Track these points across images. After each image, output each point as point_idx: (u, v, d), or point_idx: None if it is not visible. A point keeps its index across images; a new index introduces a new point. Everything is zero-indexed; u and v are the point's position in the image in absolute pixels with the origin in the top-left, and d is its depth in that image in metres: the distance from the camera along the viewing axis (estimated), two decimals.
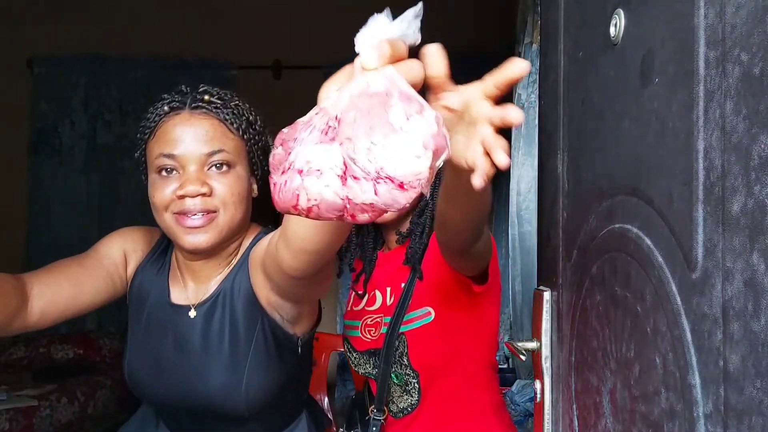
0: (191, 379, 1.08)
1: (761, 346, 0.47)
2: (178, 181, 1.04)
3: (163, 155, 1.04)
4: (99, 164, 4.30)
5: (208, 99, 1.07)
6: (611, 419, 0.73)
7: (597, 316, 0.78)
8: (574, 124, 0.88)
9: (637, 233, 0.68)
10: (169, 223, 1.05)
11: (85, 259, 1.10)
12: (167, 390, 1.10)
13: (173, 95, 1.09)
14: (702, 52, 0.56)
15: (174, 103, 1.07)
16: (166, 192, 1.04)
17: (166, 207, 1.04)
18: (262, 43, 4.17)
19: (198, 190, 1.02)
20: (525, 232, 2.78)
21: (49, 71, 4.28)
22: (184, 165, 1.04)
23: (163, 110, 1.07)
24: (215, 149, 1.05)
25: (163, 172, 1.05)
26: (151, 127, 1.07)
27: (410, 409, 1.28)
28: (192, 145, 1.04)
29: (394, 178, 0.44)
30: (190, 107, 1.06)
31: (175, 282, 1.15)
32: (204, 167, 1.05)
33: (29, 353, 3.83)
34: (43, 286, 1.02)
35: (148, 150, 1.09)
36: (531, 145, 2.63)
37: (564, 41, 0.92)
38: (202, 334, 1.08)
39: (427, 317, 1.23)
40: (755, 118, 0.48)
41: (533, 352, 1.00)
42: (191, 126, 1.05)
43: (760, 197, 0.48)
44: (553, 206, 0.96)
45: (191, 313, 1.10)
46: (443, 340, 1.24)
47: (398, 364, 1.25)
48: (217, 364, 1.06)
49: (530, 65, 0.54)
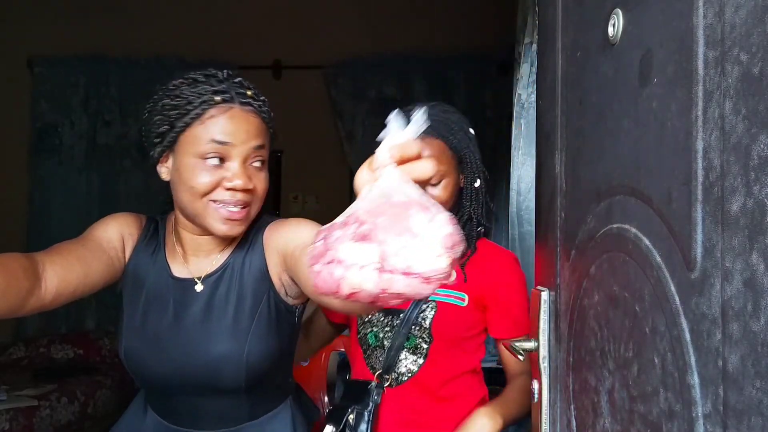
0: (192, 350, 1.12)
1: (761, 346, 0.47)
2: (223, 171, 1.08)
3: (215, 141, 1.07)
4: (99, 164, 4.31)
5: (251, 94, 1.11)
6: (609, 419, 0.73)
7: (595, 316, 0.78)
8: (573, 124, 0.87)
9: (636, 233, 0.67)
10: (201, 209, 1.09)
11: (87, 242, 1.12)
12: (167, 364, 1.13)
13: (210, 80, 1.10)
14: (701, 51, 0.55)
15: (224, 95, 1.09)
16: (209, 180, 1.08)
17: (205, 193, 1.08)
18: (262, 43, 4.17)
19: (246, 186, 1.08)
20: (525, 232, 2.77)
21: (49, 71, 4.28)
22: (231, 156, 1.08)
23: (213, 99, 1.08)
24: (260, 144, 1.11)
25: (209, 160, 1.08)
26: (198, 113, 1.08)
27: (409, 375, 1.36)
28: (245, 137, 1.09)
29: (421, 274, 0.55)
30: (240, 103, 1.10)
31: (174, 258, 1.19)
32: (247, 162, 1.10)
33: (29, 353, 3.83)
34: (56, 267, 1.01)
35: (188, 133, 1.09)
36: (531, 145, 2.63)
37: (562, 41, 0.91)
38: (206, 305, 1.14)
39: (460, 301, 1.34)
40: (754, 118, 0.48)
41: (531, 352, 1.00)
42: (245, 121, 1.09)
43: (759, 197, 0.48)
44: (551, 206, 0.96)
45: (198, 286, 1.15)
46: (465, 321, 1.35)
47: (418, 326, 1.34)
48: (219, 333, 1.12)
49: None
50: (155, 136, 1.12)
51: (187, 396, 1.16)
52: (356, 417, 1.35)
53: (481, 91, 4.17)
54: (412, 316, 1.34)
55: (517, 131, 2.78)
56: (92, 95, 4.32)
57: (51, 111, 4.30)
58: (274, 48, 4.19)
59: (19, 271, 0.94)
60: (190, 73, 1.12)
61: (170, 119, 1.09)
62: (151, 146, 1.14)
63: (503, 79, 4.06)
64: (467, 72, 4.18)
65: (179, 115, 1.08)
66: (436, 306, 1.34)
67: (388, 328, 1.38)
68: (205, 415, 1.17)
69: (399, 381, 1.37)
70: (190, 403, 1.16)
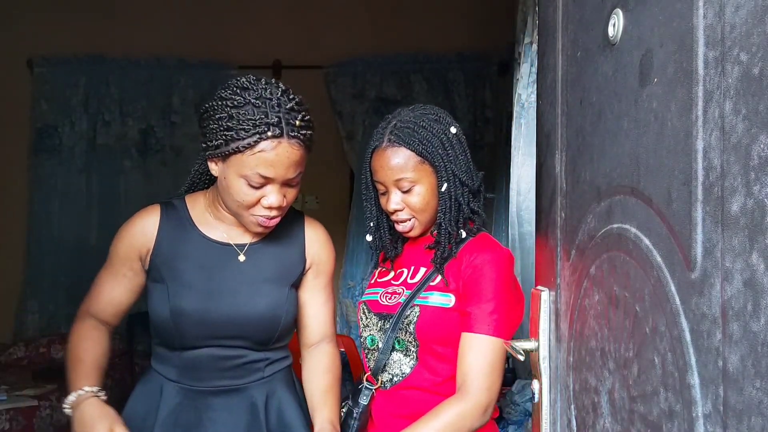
0: (241, 304, 1.32)
1: (761, 346, 0.47)
2: (263, 192, 1.25)
3: (260, 175, 1.23)
4: (99, 164, 4.31)
5: (300, 125, 1.23)
6: (609, 419, 0.73)
7: (595, 316, 0.78)
8: (573, 124, 0.87)
9: (636, 233, 0.68)
10: (241, 215, 1.30)
11: (118, 268, 1.37)
12: (217, 316, 1.31)
13: (269, 108, 1.21)
14: (701, 51, 0.55)
15: (276, 129, 1.21)
16: (251, 198, 1.26)
17: (247, 207, 1.27)
18: (262, 43, 4.17)
19: (280, 205, 1.27)
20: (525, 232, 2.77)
21: (49, 71, 4.28)
22: (272, 182, 1.25)
23: (266, 134, 1.20)
24: (299, 172, 1.28)
25: (253, 184, 1.24)
26: (250, 143, 1.20)
27: (401, 377, 1.37)
28: (284, 171, 1.24)
29: None
30: (288, 135, 1.22)
31: (208, 225, 1.37)
32: (285, 184, 1.27)
33: (29, 353, 3.83)
34: (112, 312, 1.39)
35: (238, 158, 1.22)
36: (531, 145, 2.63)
37: (562, 41, 0.91)
38: (251, 268, 1.35)
39: (446, 302, 1.34)
40: (754, 118, 0.48)
41: (531, 352, 1.00)
42: (288, 156, 1.23)
43: (759, 197, 0.48)
44: (552, 206, 0.96)
45: (240, 257, 1.36)
46: (452, 323, 1.33)
47: (404, 331, 1.36)
48: (264, 295, 1.34)
49: None
50: (209, 141, 1.25)
51: (221, 348, 1.33)
52: (346, 413, 1.40)
53: (481, 91, 4.17)
54: (398, 320, 1.36)
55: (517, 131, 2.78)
56: (92, 95, 4.32)
57: (51, 111, 4.30)
58: (274, 48, 4.19)
59: (103, 339, 1.37)
60: (245, 84, 1.24)
61: (224, 137, 1.22)
62: (204, 143, 1.28)
63: (503, 79, 4.06)
64: (467, 72, 4.18)
65: (232, 139, 1.21)
66: (419, 310, 1.35)
67: (381, 332, 1.40)
68: (230, 368, 1.34)
69: (393, 382, 1.39)
70: (220, 357, 1.33)
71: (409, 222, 1.37)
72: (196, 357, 1.33)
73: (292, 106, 1.23)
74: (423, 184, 1.34)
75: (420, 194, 1.34)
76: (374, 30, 4.16)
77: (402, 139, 1.34)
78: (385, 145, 1.35)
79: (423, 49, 4.13)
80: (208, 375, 1.34)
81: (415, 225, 1.38)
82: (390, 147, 1.34)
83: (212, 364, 1.33)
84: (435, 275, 1.37)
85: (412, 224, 1.38)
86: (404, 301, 1.37)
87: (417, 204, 1.35)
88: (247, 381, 1.36)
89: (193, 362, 1.34)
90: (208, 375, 1.34)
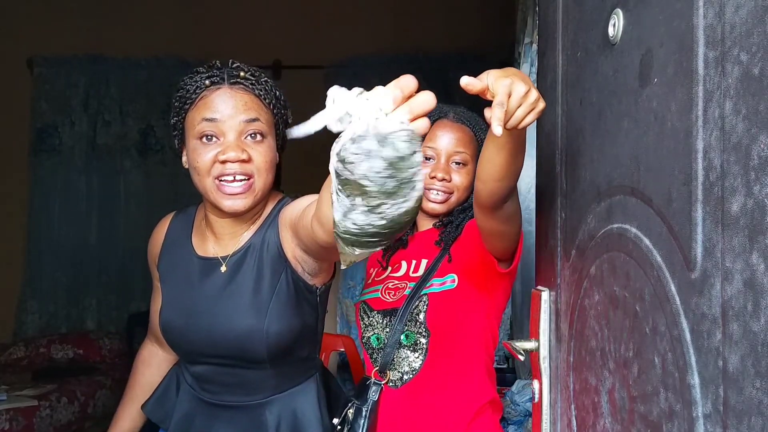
0: (219, 324, 1.21)
1: (761, 346, 0.47)
2: (219, 147, 1.15)
3: (204, 119, 1.16)
4: (99, 164, 4.31)
5: (244, 75, 1.18)
6: (610, 419, 0.73)
7: (595, 316, 0.78)
8: (573, 124, 0.87)
9: (636, 233, 0.68)
10: (210, 188, 1.17)
11: (154, 281, 1.36)
12: (198, 336, 1.23)
13: (210, 69, 1.20)
14: (701, 51, 0.55)
15: (214, 78, 1.17)
16: (207, 156, 1.16)
17: (208, 171, 1.16)
18: (262, 43, 4.17)
19: (238, 156, 1.14)
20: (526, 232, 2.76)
21: (49, 71, 4.28)
22: (224, 131, 1.16)
23: (204, 84, 1.17)
24: (252, 117, 1.17)
25: (204, 139, 1.16)
26: (192, 98, 1.18)
27: (412, 374, 1.36)
28: (232, 112, 1.16)
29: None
30: (228, 82, 1.18)
31: (201, 238, 1.30)
32: (242, 136, 1.16)
33: (29, 353, 3.83)
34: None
35: (188, 119, 1.19)
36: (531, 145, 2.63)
37: (562, 41, 0.91)
38: (230, 283, 1.22)
39: (451, 283, 1.36)
40: (755, 118, 0.48)
41: (531, 352, 1.00)
42: (231, 97, 1.17)
43: (759, 197, 0.47)
44: (552, 206, 0.96)
45: (222, 268, 1.24)
46: (460, 306, 1.35)
47: (413, 322, 1.36)
48: (241, 309, 1.20)
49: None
50: (172, 129, 1.23)
51: (218, 366, 1.25)
52: (355, 412, 1.37)
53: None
54: (406, 312, 1.35)
55: None
56: (92, 95, 4.32)
57: (51, 111, 4.30)
58: (274, 48, 4.19)
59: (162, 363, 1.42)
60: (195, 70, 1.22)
61: (176, 110, 1.21)
62: (174, 140, 1.24)
63: None
64: (467, 72, 4.13)
65: (181, 104, 1.19)
66: (428, 299, 1.36)
67: (387, 329, 1.38)
68: (234, 385, 1.25)
69: (403, 381, 1.36)
70: (220, 373, 1.25)
71: (445, 195, 1.41)
72: (200, 371, 1.28)
73: (238, 66, 1.20)
74: (473, 167, 1.39)
75: (468, 174, 1.40)
76: (374, 30, 4.15)
77: (469, 122, 1.43)
78: (453, 118, 1.44)
79: (423, 48, 4.13)
80: (215, 388, 1.27)
81: (450, 201, 1.41)
82: (458, 122, 1.43)
83: (216, 378, 1.26)
84: (438, 264, 1.38)
85: (445, 197, 1.41)
86: (410, 293, 1.37)
87: (463, 183, 1.41)
88: (254, 399, 1.25)
89: (200, 375, 1.28)
90: (215, 389, 1.27)
